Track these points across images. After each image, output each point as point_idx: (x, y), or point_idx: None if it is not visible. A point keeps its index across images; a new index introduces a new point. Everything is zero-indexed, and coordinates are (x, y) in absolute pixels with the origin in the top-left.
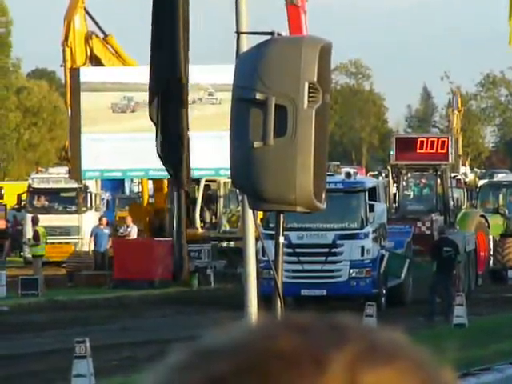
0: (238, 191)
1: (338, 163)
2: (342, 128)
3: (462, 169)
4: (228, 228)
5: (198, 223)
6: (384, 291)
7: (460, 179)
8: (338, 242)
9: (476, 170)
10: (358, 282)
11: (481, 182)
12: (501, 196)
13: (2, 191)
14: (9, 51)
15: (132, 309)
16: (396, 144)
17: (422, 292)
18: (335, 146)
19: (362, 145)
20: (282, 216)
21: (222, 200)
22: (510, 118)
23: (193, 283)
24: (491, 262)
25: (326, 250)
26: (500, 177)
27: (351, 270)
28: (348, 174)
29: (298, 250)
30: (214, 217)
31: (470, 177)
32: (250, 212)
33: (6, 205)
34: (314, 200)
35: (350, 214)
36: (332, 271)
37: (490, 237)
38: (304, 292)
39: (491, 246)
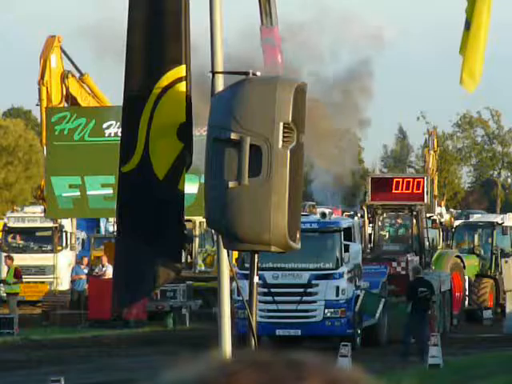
0: (213, 231)
1: (314, 203)
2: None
3: (438, 209)
4: (203, 268)
5: None
6: (359, 331)
7: (436, 219)
8: (313, 281)
9: (452, 210)
10: (333, 322)
11: (456, 223)
12: (476, 236)
13: None
14: None
15: (107, 348)
16: (371, 184)
17: (397, 332)
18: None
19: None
20: (256, 256)
21: (197, 240)
22: (487, 159)
23: (168, 323)
24: (466, 302)
25: (301, 289)
26: (476, 217)
27: (326, 310)
28: (323, 214)
29: (272, 290)
30: (189, 256)
31: (446, 217)
32: (224, 252)
33: None
34: (288, 240)
35: (325, 254)
36: (307, 311)
37: (466, 277)
38: (279, 332)
39: (467, 287)
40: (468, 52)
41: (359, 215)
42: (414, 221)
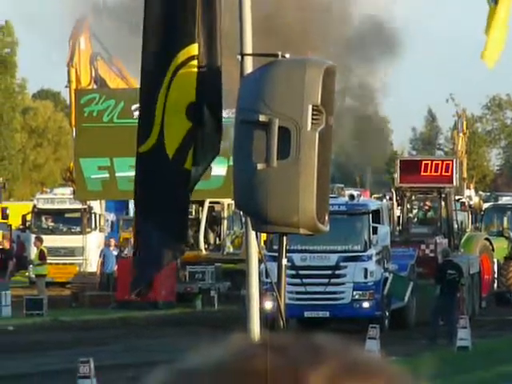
0: (241, 213)
1: (342, 185)
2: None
3: (467, 192)
4: (232, 250)
5: (202, 245)
6: (387, 313)
7: (464, 202)
8: (342, 264)
9: (481, 192)
10: (361, 304)
11: (485, 205)
12: (505, 219)
13: (8, 211)
14: (14, 72)
15: (136, 329)
16: (400, 167)
17: (426, 315)
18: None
19: (366, 167)
20: (285, 238)
21: (225, 222)
22: None
23: (196, 305)
24: (495, 284)
25: (329, 272)
26: (505, 200)
27: (354, 293)
28: (352, 196)
29: (301, 272)
30: (217, 238)
31: (475, 200)
32: (253, 234)
33: (11, 225)
34: (316, 222)
35: (353, 236)
36: (335, 293)
37: (495, 260)
38: (307, 314)
39: (495, 269)
40: (492, 27)
41: (388, 198)
42: (443, 203)
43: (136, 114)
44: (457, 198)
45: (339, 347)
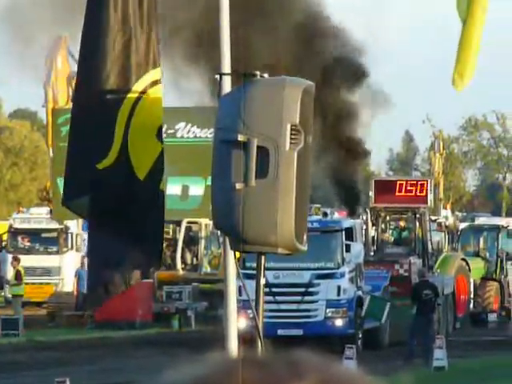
0: (219, 233)
1: (319, 206)
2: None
3: (444, 212)
4: (209, 270)
5: (179, 265)
6: (360, 333)
7: (441, 222)
8: (315, 281)
9: (457, 213)
10: (334, 321)
11: (462, 226)
12: (482, 239)
13: None
14: None
15: (113, 349)
16: (375, 187)
17: (399, 335)
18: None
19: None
20: (263, 258)
21: (203, 242)
22: (492, 162)
23: (173, 325)
24: (471, 305)
25: (303, 289)
26: (481, 220)
27: (327, 310)
28: (325, 214)
29: (274, 290)
30: (195, 258)
31: (450, 220)
32: (231, 253)
33: None
34: (295, 242)
35: (326, 254)
36: (308, 311)
37: (471, 280)
38: (280, 332)
39: (472, 290)
40: (459, 50)
41: (364, 218)
42: (418, 223)
43: None
44: (433, 218)
45: (318, 363)
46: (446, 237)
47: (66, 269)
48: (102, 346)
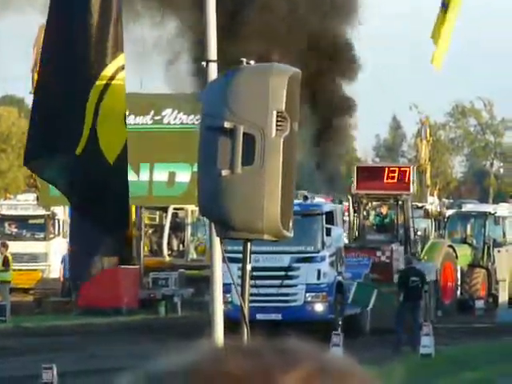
0: (205, 219)
1: (305, 192)
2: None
3: (430, 199)
4: (195, 256)
5: (166, 251)
6: (341, 320)
7: (428, 209)
8: (294, 265)
9: (444, 200)
10: (314, 306)
11: (449, 212)
12: (469, 226)
13: None
14: None
15: (99, 336)
16: (357, 173)
17: (380, 321)
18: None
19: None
20: (248, 244)
21: (189, 228)
22: (479, 149)
23: (160, 311)
24: (459, 292)
25: (282, 273)
26: (468, 207)
27: (307, 294)
28: (305, 197)
29: (253, 274)
30: (181, 245)
31: (438, 207)
32: (217, 240)
33: None
34: (281, 228)
35: (306, 237)
36: (287, 295)
37: (458, 267)
38: (259, 316)
39: (459, 277)
40: (442, 32)
41: (346, 204)
42: (400, 210)
43: None
44: (420, 205)
45: (310, 351)
46: (433, 223)
47: (53, 255)
48: (89, 333)
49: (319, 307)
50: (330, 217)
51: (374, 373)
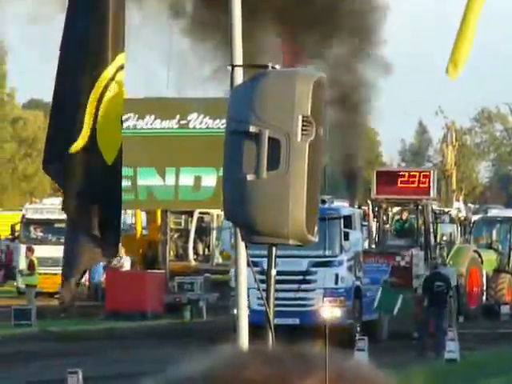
0: (230, 224)
1: (330, 197)
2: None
3: (456, 204)
4: (221, 261)
5: (191, 256)
6: (359, 325)
7: (453, 214)
8: (312, 269)
9: (470, 205)
10: (332, 311)
11: (474, 217)
12: (494, 231)
13: None
14: (3, 82)
15: (124, 340)
16: (377, 178)
17: (398, 326)
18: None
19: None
20: (274, 249)
21: (215, 232)
22: (505, 154)
23: (185, 315)
24: (484, 297)
25: (300, 277)
26: (494, 212)
27: (325, 299)
28: (323, 201)
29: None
30: (206, 249)
31: (464, 212)
32: (242, 245)
33: None
34: (306, 233)
35: (324, 241)
36: (305, 299)
37: (484, 272)
38: (277, 321)
39: (484, 282)
40: (456, 40)
41: (366, 208)
42: (420, 215)
43: (127, 124)
44: (446, 210)
45: (328, 356)
46: (459, 229)
47: None
48: (114, 337)
49: (337, 312)
50: (348, 221)
51: (393, 378)
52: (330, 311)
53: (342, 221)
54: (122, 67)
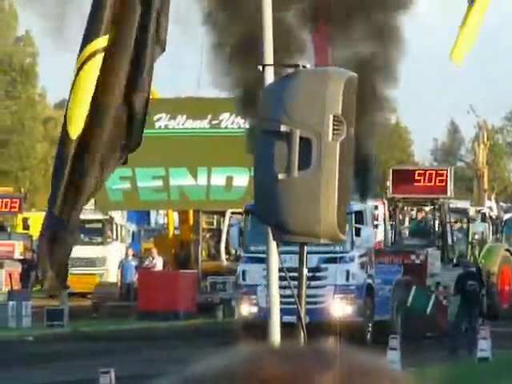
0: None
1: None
2: None
3: (488, 203)
4: None
5: (224, 255)
6: (370, 325)
7: (485, 213)
8: (323, 265)
9: (502, 203)
10: (342, 308)
11: (506, 216)
12: None
13: (28, 222)
14: (35, 82)
15: (157, 340)
16: (393, 176)
17: (410, 328)
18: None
19: (386, 178)
20: (305, 247)
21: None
22: None
23: (217, 315)
24: None
25: (310, 273)
26: None
27: (335, 296)
28: None
29: (280, 274)
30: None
31: (495, 211)
32: (274, 244)
33: (32, 235)
34: (337, 232)
35: None
36: (315, 296)
37: None
38: (286, 318)
39: None
40: (465, 27)
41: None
42: (437, 214)
43: (158, 124)
44: (478, 208)
45: (346, 352)
46: (491, 227)
47: (111, 260)
48: (146, 337)
49: (348, 309)
50: (359, 216)
51: (409, 374)
52: (340, 308)
53: (353, 216)
54: (103, 49)
